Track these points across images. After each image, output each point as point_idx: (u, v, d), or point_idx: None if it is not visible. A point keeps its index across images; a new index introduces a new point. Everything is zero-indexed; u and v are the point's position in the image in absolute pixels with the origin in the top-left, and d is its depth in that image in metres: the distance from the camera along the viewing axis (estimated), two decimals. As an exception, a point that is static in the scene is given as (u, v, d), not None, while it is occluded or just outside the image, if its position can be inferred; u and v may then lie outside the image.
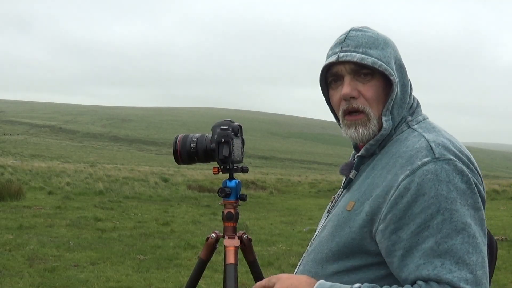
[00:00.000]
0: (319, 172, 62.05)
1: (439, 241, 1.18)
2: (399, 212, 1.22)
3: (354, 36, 1.35)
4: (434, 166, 1.22)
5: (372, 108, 1.34)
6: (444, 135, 1.33)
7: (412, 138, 1.32)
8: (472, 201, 1.22)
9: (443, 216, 1.18)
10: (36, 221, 9.59)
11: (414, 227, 1.20)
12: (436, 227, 1.18)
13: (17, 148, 65.41)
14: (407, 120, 1.37)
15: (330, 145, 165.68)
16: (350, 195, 1.38)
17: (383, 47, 1.34)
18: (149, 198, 15.47)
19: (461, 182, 1.21)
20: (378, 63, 1.31)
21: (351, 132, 1.36)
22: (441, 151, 1.25)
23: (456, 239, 1.18)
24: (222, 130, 1.71)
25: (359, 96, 1.34)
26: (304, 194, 21.74)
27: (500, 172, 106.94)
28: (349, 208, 1.34)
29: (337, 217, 1.38)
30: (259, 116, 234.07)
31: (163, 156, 77.08)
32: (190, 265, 6.61)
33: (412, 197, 1.21)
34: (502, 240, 8.64)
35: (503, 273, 6.66)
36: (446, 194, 1.19)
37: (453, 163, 1.23)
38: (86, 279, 5.86)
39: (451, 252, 1.17)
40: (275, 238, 9.01)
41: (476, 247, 1.19)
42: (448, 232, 1.18)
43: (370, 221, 1.28)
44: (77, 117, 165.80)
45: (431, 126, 1.36)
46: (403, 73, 1.38)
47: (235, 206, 1.74)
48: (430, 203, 1.19)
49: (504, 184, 23.75)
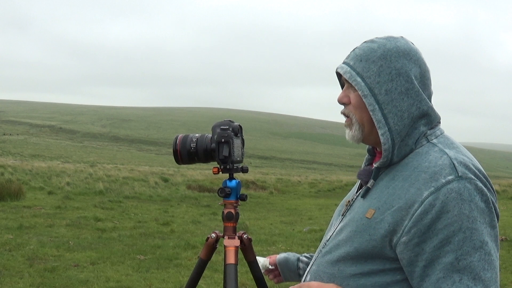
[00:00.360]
0: (319, 172, 62.07)
1: (459, 257, 1.27)
2: (424, 227, 1.29)
3: (360, 48, 1.44)
4: (458, 185, 1.29)
5: (355, 114, 1.44)
6: (463, 152, 1.40)
7: (433, 153, 1.38)
8: (489, 219, 1.31)
9: (464, 234, 1.27)
10: (36, 221, 9.59)
11: (437, 241, 1.28)
12: (457, 243, 1.27)
13: (17, 148, 65.42)
14: (426, 134, 1.42)
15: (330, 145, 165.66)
16: (369, 202, 1.43)
17: (375, 60, 1.39)
18: (149, 198, 15.47)
19: (481, 201, 1.30)
20: (348, 75, 1.41)
21: (345, 132, 1.50)
22: (463, 170, 1.32)
23: (474, 256, 1.27)
24: (222, 130, 1.70)
25: (349, 103, 1.45)
26: (304, 194, 21.75)
27: (500, 172, 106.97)
28: (369, 215, 1.39)
29: (355, 223, 1.42)
30: (259, 116, 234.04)
31: (163, 156, 77.10)
32: (190, 265, 6.62)
33: (437, 213, 1.28)
34: (502, 240, 8.65)
35: (503, 273, 6.67)
36: (468, 213, 1.27)
37: (474, 182, 1.30)
38: (86, 279, 5.86)
39: (469, 269, 1.27)
40: (275, 238, 9.01)
41: (491, 264, 1.29)
42: (468, 249, 1.27)
43: (392, 232, 1.33)
44: (77, 117, 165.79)
45: (449, 141, 1.43)
46: (400, 85, 1.38)
47: (235, 206, 1.74)
48: (453, 221, 1.27)
49: (504, 184, 23.77)
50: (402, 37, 1.46)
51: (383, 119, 1.38)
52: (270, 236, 9.23)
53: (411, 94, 1.38)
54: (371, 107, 1.39)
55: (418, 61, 1.41)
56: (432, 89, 1.47)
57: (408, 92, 1.38)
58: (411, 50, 1.41)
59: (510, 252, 8.00)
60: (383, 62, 1.39)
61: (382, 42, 1.42)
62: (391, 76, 1.38)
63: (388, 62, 1.39)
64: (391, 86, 1.38)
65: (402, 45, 1.41)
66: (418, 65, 1.41)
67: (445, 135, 1.45)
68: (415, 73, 1.40)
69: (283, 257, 1.90)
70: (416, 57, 1.41)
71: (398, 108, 1.38)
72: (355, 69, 1.42)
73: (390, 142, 1.38)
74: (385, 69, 1.39)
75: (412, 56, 1.41)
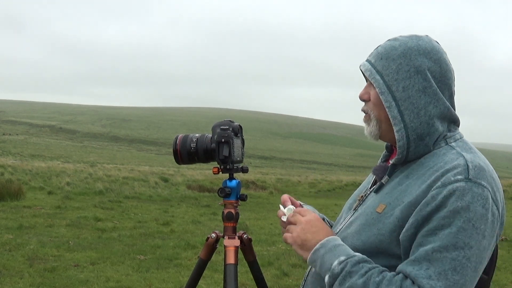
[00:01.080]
0: (319, 172, 62.09)
1: (436, 249, 1.25)
2: (421, 218, 1.30)
3: (382, 45, 1.46)
4: (464, 186, 1.28)
5: (374, 111, 1.46)
6: (481, 157, 1.39)
7: (450, 155, 1.38)
8: (485, 228, 1.27)
9: (451, 230, 1.26)
10: (36, 221, 9.59)
11: (425, 230, 1.29)
12: (440, 236, 1.26)
13: (17, 148, 65.42)
14: (446, 137, 1.43)
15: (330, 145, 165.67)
16: (381, 198, 1.44)
17: (395, 57, 1.41)
18: (149, 198, 15.47)
19: (482, 208, 1.27)
20: (368, 72, 1.44)
21: (364, 128, 1.52)
22: (476, 174, 1.31)
23: (451, 253, 1.24)
24: (222, 130, 1.70)
25: (369, 99, 1.48)
26: (304, 194, 21.75)
27: (500, 172, 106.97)
28: (379, 210, 1.40)
29: (365, 217, 1.44)
30: (259, 116, 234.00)
31: (163, 156, 77.10)
32: (190, 265, 6.62)
33: (436, 206, 1.28)
34: (502, 240, 8.65)
35: (503, 273, 6.67)
36: (463, 213, 1.26)
37: (482, 188, 1.29)
38: (86, 279, 5.86)
39: (440, 263, 1.24)
40: (275, 238, 9.01)
41: (464, 269, 1.24)
42: (448, 245, 1.25)
43: (400, 227, 1.34)
44: (77, 117, 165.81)
45: (468, 146, 1.42)
46: (417, 82, 1.39)
47: (235, 206, 1.74)
48: (446, 216, 1.27)
49: (504, 184, 23.77)
50: (427, 36, 1.46)
51: (399, 115, 1.39)
52: (270, 236, 9.23)
53: (428, 93, 1.39)
54: (387, 104, 1.40)
55: (439, 61, 1.41)
56: (455, 90, 1.46)
57: (425, 91, 1.39)
58: (432, 49, 1.41)
59: (510, 252, 8.00)
60: (402, 60, 1.40)
61: (404, 40, 1.43)
62: (409, 73, 1.39)
63: (407, 60, 1.40)
64: (408, 83, 1.39)
65: (423, 44, 1.42)
66: (439, 64, 1.41)
67: (464, 140, 1.45)
68: (434, 72, 1.40)
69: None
70: (437, 56, 1.41)
71: (414, 105, 1.39)
72: (375, 67, 1.44)
73: (405, 139, 1.40)
74: (404, 66, 1.40)
75: (433, 55, 1.41)
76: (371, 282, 1.27)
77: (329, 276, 1.33)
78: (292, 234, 1.44)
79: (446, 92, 1.42)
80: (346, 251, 1.36)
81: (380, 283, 1.26)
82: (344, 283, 1.30)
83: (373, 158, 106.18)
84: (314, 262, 1.38)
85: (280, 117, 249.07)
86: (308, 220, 1.44)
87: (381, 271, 1.30)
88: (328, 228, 1.46)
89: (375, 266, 1.32)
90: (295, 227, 1.44)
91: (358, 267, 1.30)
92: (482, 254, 1.28)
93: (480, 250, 1.27)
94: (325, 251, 1.36)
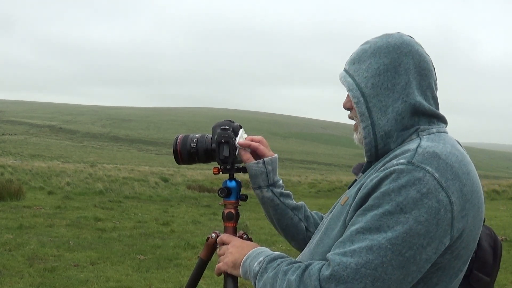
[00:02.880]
0: (319, 172, 62.10)
1: (359, 230, 1.22)
2: (359, 200, 1.29)
3: (355, 51, 1.47)
4: (402, 168, 1.23)
5: (357, 116, 1.44)
6: (447, 147, 1.30)
7: (411, 143, 1.34)
8: (418, 213, 1.18)
9: (376, 211, 1.21)
10: (36, 221, 9.59)
11: (360, 210, 1.26)
12: (366, 217, 1.23)
13: (17, 148, 65.43)
14: (418, 130, 1.38)
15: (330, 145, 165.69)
16: (347, 192, 1.46)
17: (366, 59, 1.41)
18: (149, 198, 15.47)
19: (416, 192, 1.19)
20: (342, 78, 1.45)
21: (353, 137, 1.51)
22: (421, 159, 1.24)
23: (372, 235, 1.19)
24: (222, 130, 1.70)
25: (352, 107, 1.45)
26: (304, 194, 21.75)
27: (500, 172, 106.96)
28: (342, 202, 1.41)
29: (334, 211, 1.46)
30: (259, 116, 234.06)
31: (163, 156, 77.11)
32: (190, 265, 6.62)
33: (371, 187, 1.26)
34: (502, 240, 8.65)
35: (503, 273, 6.67)
36: (393, 196, 1.20)
37: (423, 172, 1.21)
38: (86, 279, 5.86)
39: (359, 242, 1.20)
40: (275, 238, 9.01)
41: (382, 250, 1.17)
42: (370, 227, 1.20)
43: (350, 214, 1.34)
44: (77, 117, 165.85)
45: (439, 138, 1.34)
46: (386, 80, 1.38)
47: (236, 206, 1.74)
48: (376, 197, 1.23)
49: (504, 184, 23.76)
50: (398, 32, 1.45)
51: (366, 112, 1.38)
52: (270, 236, 9.23)
53: (397, 89, 1.37)
54: (355, 100, 1.39)
55: (411, 53, 1.39)
56: (436, 80, 1.44)
57: (394, 88, 1.37)
58: (402, 43, 1.40)
59: (510, 252, 8.00)
60: (372, 59, 1.40)
61: (374, 41, 1.43)
62: (378, 71, 1.38)
63: (377, 58, 1.39)
64: (377, 80, 1.38)
65: (393, 40, 1.40)
66: (411, 56, 1.38)
67: (442, 134, 1.38)
68: (407, 65, 1.38)
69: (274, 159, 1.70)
70: (408, 49, 1.39)
71: (382, 103, 1.37)
72: (348, 72, 1.45)
73: (371, 136, 1.38)
74: (373, 65, 1.39)
75: (402, 49, 1.39)
76: (280, 271, 1.31)
77: (252, 277, 1.39)
78: (223, 262, 1.52)
79: (425, 81, 1.39)
80: (266, 253, 1.41)
81: (288, 270, 1.29)
82: (261, 279, 1.35)
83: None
84: (246, 273, 1.43)
85: (280, 117, 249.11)
86: (232, 245, 1.52)
87: (291, 262, 1.34)
88: (252, 243, 1.53)
89: (287, 259, 1.36)
90: (224, 256, 1.53)
91: (272, 262, 1.36)
92: (414, 240, 1.18)
93: (410, 236, 1.17)
94: (250, 259, 1.43)
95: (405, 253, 1.18)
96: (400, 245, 1.17)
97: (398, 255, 1.18)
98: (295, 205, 1.71)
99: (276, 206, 1.68)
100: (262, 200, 1.70)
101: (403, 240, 1.18)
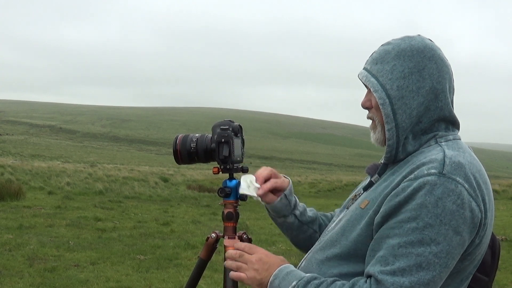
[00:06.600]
0: (319, 172, 62.11)
1: (401, 244, 1.24)
2: (389, 209, 1.30)
3: (376, 51, 1.48)
4: (435, 180, 1.26)
5: (377, 116, 1.45)
6: (466, 156, 1.35)
7: (434, 151, 1.37)
8: (456, 224, 1.24)
9: (417, 225, 1.24)
10: (36, 221, 9.59)
11: (393, 222, 1.28)
12: (406, 230, 1.24)
13: (17, 148, 65.39)
14: (437, 136, 1.42)
15: (330, 145, 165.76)
16: (367, 194, 1.46)
17: (389, 60, 1.42)
18: (149, 198, 15.48)
19: (452, 204, 1.24)
20: (364, 77, 1.45)
21: (370, 135, 1.52)
22: (451, 169, 1.28)
23: (417, 249, 1.23)
24: (222, 130, 1.70)
25: (371, 106, 1.47)
26: (304, 194, 21.76)
27: (500, 172, 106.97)
28: (362, 206, 1.42)
29: (351, 213, 1.45)
30: (259, 116, 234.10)
31: (163, 156, 77.13)
32: (190, 265, 6.62)
33: (404, 198, 1.27)
34: (502, 240, 8.65)
35: (503, 273, 6.67)
36: (431, 207, 1.24)
37: (455, 184, 1.26)
38: (86, 279, 5.86)
39: (405, 259, 1.23)
40: (275, 238, 9.01)
41: (430, 266, 1.22)
42: (413, 240, 1.23)
43: (374, 218, 1.35)
44: (77, 117, 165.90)
45: (458, 146, 1.40)
46: (411, 83, 1.39)
47: (235, 206, 1.74)
48: (413, 209, 1.25)
49: (504, 184, 23.78)
50: (419, 35, 1.47)
51: (391, 113, 1.39)
52: (270, 236, 9.23)
53: (422, 93, 1.39)
54: (381, 101, 1.40)
55: (434, 57, 1.41)
56: (454, 85, 1.46)
57: (419, 91, 1.39)
58: (425, 48, 1.42)
59: (510, 252, 8.00)
60: (396, 61, 1.41)
61: (397, 43, 1.44)
62: (403, 73, 1.40)
63: (401, 61, 1.40)
64: (403, 83, 1.39)
65: (416, 43, 1.42)
66: (434, 61, 1.41)
67: (458, 141, 1.43)
68: (431, 69, 1.40)
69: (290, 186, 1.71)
70: (431, 53, 1.41)
71: (407, 105, 1.38)
72: (371, 72, 1.45)
73: (395, 138, 1.40)
74: (398, 67, 1.40)
75: (426, 53, 1.41)
76: None
77: None
78: (247, 275, 1.45)
79: (445, 88, 1.41)
80: (297, 275, 1.38)
81: None
82: None
83: (373, 158, 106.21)
84: None
85: (280, 117, 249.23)
86: (258, 259, 1.46)
87: (332, 281, 1.32)
88: (277, 258, 1.48)
89: (325, 280, 1.34)
90: (247, 267, 1.46)
91: (308, 285, 1.33)
92: (454, 251, 1.25)
93: (452, 247, 1.24)
94: (279, 281, 1.40)
95: (449, 264, 1.26)
96: (445, 258, 1.24)
97: (445, 267, 1.25)
98: (311, 219, 1.74)
99: (296, 227, 1.72)
100: (282, 225, 1.73)
101: (447, 252, 1.24)
